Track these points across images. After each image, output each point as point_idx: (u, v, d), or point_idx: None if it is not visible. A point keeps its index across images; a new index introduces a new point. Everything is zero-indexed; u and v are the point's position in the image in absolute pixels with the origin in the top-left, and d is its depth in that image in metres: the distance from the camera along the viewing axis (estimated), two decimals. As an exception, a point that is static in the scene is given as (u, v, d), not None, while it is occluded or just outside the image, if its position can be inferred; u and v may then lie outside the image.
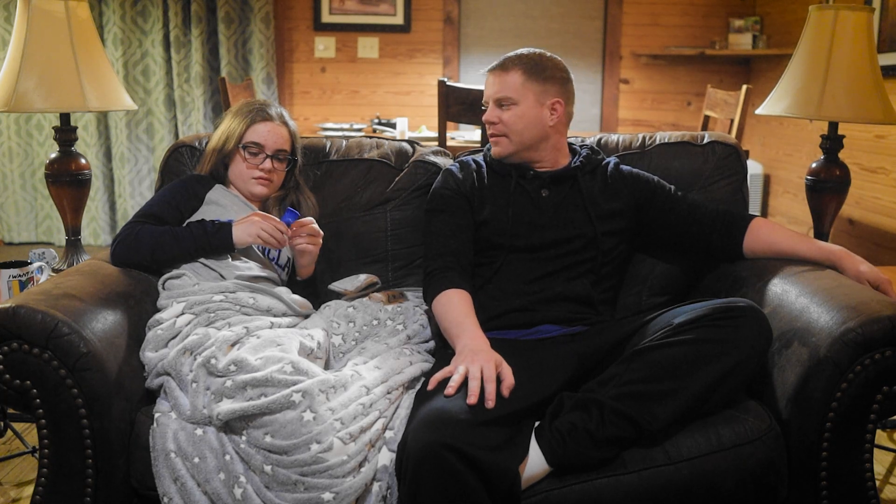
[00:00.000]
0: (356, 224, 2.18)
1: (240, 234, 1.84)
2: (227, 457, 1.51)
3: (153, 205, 1.94)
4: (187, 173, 2.12)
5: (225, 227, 1.85)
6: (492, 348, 1.62)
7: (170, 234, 1.85)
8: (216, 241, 1.85)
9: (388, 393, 1.62)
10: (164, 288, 1.84)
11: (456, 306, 1.76)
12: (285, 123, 2.06)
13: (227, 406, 1.53)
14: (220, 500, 1.48)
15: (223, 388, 1.55)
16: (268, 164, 2.00)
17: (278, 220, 1.87)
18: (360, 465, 1.49)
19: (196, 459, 1.51)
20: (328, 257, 2.16)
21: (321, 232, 1.94)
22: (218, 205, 1.97)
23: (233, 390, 1.54)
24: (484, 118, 1.96)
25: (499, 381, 1.54)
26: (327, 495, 1.44)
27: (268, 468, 1.47)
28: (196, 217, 1.94)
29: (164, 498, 1.51)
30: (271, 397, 1.50)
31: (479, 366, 1.54)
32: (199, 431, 1.54)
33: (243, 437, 1.52)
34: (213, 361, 1.60)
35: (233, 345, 1.65)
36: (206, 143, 2.12)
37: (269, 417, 1.50)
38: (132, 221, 1.90)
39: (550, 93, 1.92)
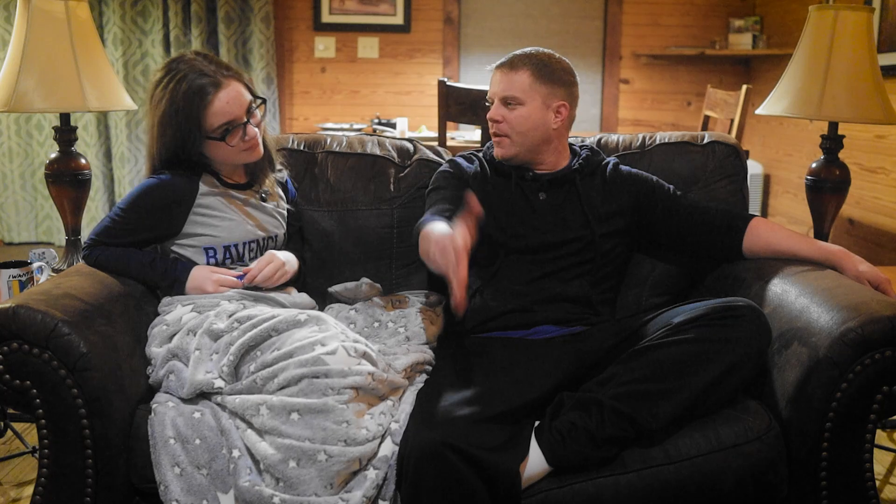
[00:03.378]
0: (360, 218, 2.16)
1: (192, 293, 1.80)
2: (224, 431, 1.54)
3: (117, 226, 1.80)
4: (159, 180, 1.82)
5: (177, 284, 1.79)
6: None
7: (126, 269, 1.80)
8: (169, 291, 1.83)
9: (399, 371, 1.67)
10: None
11: (432, 224, 1.66)
12: (234, 76, 1.81)
13: (237, 343, 1.60)
14: (224, 479, 1.50)
15: (230, 338, 1.62)
16: (250, 130, 1.80)
17: (234, 279, 1.81)
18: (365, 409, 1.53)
19: (197, 441, 1.53)
20: (331, 251, 2.15)
21: (270, 271, 1.82)
22: (210, 227, 1.84)
23: (240, 335, 1.61)
24: (488, 115, 1.93)
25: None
26: (334, 449, 1.45)
27: (263, 408, 1.50)
28: (190, 228, 1.83)
29: (160, 486, 1.51)
30: (278, 318, 1.59)
31: (435, 249, 1.52)
32: (196, 414, 1.56)
33: (237, 399, 1.54)
34: (214, 326, 1.65)
35: (230, 316, 1.70)
36: (151, 144, 1.83)
37: (275, 337, 1.57)
38: (89, 244, 1.81)
39: (557, 95, 1.90)
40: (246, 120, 1.80)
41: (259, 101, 1.85)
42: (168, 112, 1.75)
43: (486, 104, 1.97)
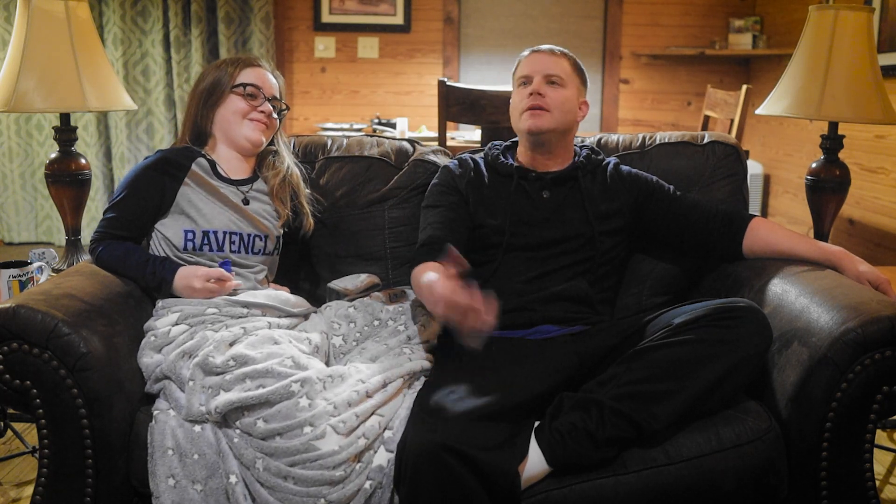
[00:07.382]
0: (355, 221, 2.17)
1: (181, 293, 1.80)
2: (222, 454, 1.52)
3: (118, 212, 1.86)
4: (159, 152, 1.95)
5: (165, 285, 1.80)
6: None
7: (124, 269, 1.82)
8: (158, 293, 1.83)
9: (385, 386, 1.61)
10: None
11: (426, 268, 1.71)
12: (273, 73, 2.00)
13: (224, 398, 1.53)
14: (217, 498, 1.49)
15: (222, 381, 1.56)
16: (267, 106, 1.93)
17: (219, 271, 1.81)
18: (356, 459, 1.49)
19: (195, 456, 1.52)
20: (326, 253, 2.16)
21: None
22: (194, 208, 1.87)
23: (231, 383, 1.55)
24: (531, 89, 1.91)
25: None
26: (333, 495, 1.44)
27: (259, 463, 1.47)
28: (177, 206, 1.86)
29: (153, 495, 1.50)
30: (270, 388, 1.51)
31: (442, 307, 1.48)
32: (197, 428, 1.55)
33: (237, 431, 1.52)
34: (210, 359, 1.59)
35: (230, 344, 1.66)
36: (187, 104, 1.99)
37: (266, 407, 1.50)
38: (95, 238, 1.86)
39: (583, 93, 2.00)
40: (269, 98, 1.94)
41: (284, 105, 2.00)
42: (207, 73, 1.95)
43: (523, 83, 1.95)
